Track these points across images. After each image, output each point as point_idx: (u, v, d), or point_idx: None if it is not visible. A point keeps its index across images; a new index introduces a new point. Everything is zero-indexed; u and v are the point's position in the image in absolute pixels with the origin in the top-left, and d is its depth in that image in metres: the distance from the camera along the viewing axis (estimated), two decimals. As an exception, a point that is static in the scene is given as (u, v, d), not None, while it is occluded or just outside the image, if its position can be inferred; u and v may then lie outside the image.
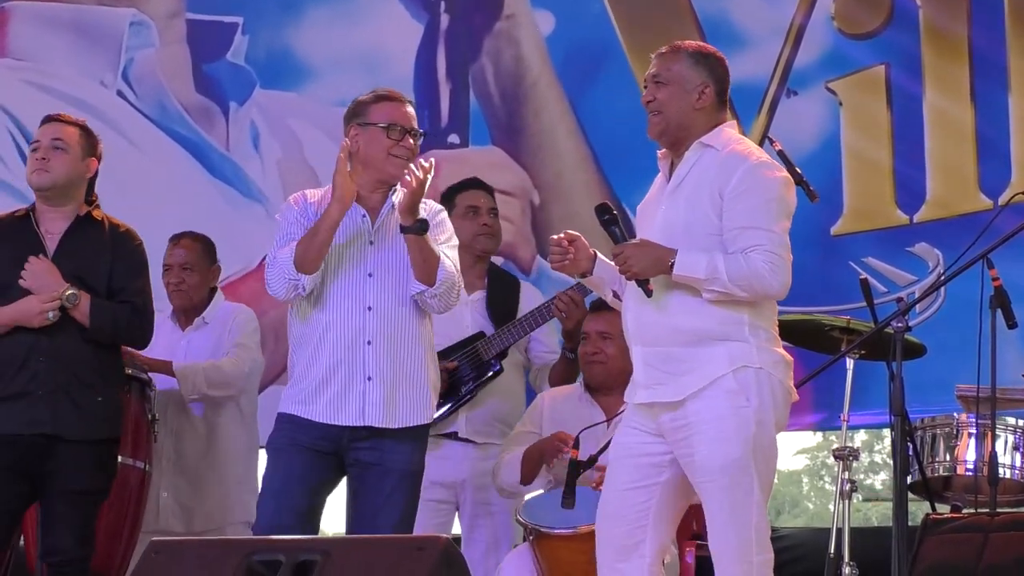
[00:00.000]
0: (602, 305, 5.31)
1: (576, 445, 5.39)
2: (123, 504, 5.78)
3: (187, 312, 6.45)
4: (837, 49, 7.06)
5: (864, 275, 5.96)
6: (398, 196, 5.17)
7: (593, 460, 5.33)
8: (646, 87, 4.66)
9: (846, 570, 5.19)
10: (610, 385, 5.65)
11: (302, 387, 5.13)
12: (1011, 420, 5.64)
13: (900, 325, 4.77)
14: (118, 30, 7.92)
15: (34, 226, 5.40)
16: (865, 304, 5.57)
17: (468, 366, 5.97)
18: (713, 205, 4.50)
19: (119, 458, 5.67)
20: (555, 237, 4.68)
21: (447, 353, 5.95)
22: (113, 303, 5.34)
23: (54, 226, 5.41)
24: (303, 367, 5.15)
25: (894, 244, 6.84)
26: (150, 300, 5.50)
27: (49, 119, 5.50)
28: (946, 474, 5.71)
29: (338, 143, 5.20)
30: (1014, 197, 5.78)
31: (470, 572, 5.92)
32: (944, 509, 5.68)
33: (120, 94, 7.88)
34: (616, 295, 4.75)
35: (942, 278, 6.08)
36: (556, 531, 5.31)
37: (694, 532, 5.36)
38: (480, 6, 7.61)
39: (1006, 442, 5.60)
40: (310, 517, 5.14)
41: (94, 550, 5.33)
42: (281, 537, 4.71)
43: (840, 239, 6.92)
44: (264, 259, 5.41)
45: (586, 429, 5.39)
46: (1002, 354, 5.37)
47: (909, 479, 5.47)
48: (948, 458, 5.69)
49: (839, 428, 5.45)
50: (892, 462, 4.77)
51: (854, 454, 5.32)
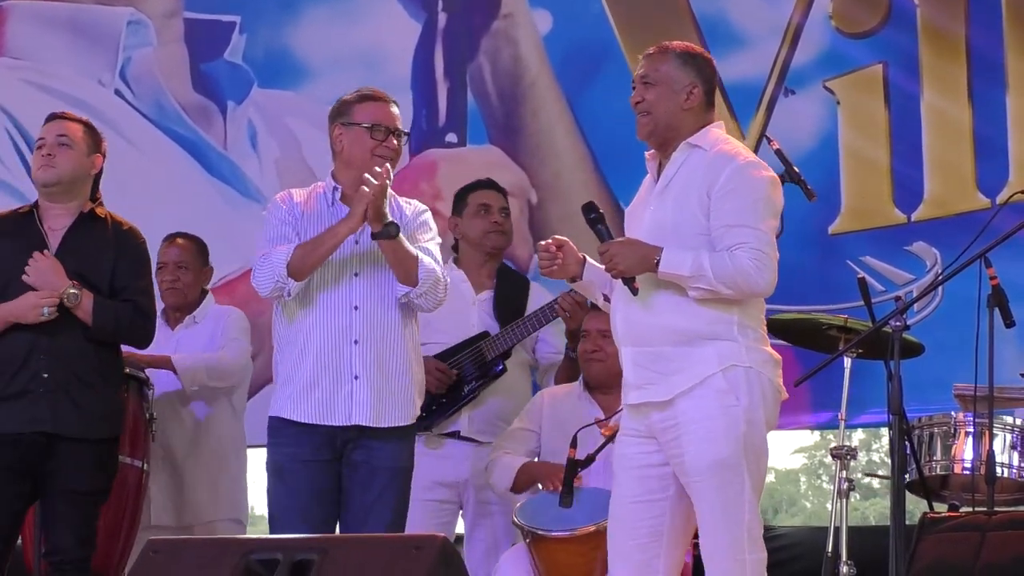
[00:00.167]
0: (602, 304, 5.32)
1: (573, 444, 5.40)
2: (121, 503, 5.78)
3: (179, 311, 6.45)
4: (835, 48, 7.05)
5: (862, 274, 5.96)
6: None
7: (591, 459, 5.33)
8: (634, 88, 4.67)
9: (844, 569, 5.18)
10: (610, 383, 5.64)
11: (290, 389, 5.13)
12: (1008, 419, 5.64)
13: (898, 324, 4.77)
14: (116, 29, 7.92)
15: (37, 223, 5.39)
16: (863, 303, 5.57)
17: (471, 365, 5.96)
18: (701, 205, 4.50)
19: (117, 457, 5.68)
20: (543, 243, 4.69)
21: (451, 352, 5.96)
22: (116, 302, 5.33)
23: (57, 223, 5.39)
24: (290, 368, 5.15)
25: (892, 243, 6.84)
26: (152, 300, 5.50)
27: (53, 117, 5.50)
28: (944, 473, 5.70)
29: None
30: (1012, 196, 5.78)
31: (468, 571, 5.96)
32: (942, 508, 5.69)
33: (118, 93, 7.87)
34: (606, 298, 4.76)
35: (940, 277, 6.08)
36: (553, 533, 5.31)
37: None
38: (478, 5, 7.60)
39: (1004, 441, 5.60)
40: (331, 524, 5.15)
41: (95, 549, 5.32)
42: (278, 536, 4.71)
43: (838, 238, 6.91)
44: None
45: (583, 428, 5.39)
46: (1000, 353, 5.37)
47: (907, 478, 5.47)
48: (945, 457, 5.69)
49: (837, 427, 5.46)
50: (890, 461, 4.77)
51: (852, 453, 5.33)
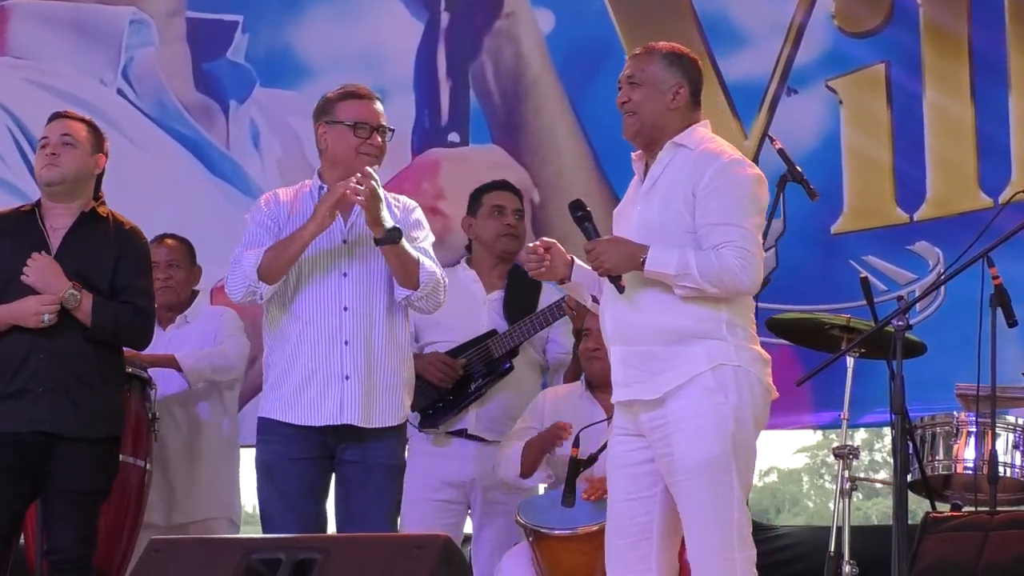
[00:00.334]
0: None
1: (576, 443, 5.40)
2: (123, 502, 5.77)
3: (171, 310, 6.45)
4: (837, 47, 7.05)
5: (864, 273, 5.96)
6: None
7: (593, 459, 5.33)
8: (620, 89, 4.68)
9: (846, 568, 5.19)
10: (611, 382, 5.64)
11: (281, 391, 5.13)
12: (1011, 419, 5.64)
13: (900, 323, 4.77)
14: (118, 28, 7.92)
15: (39, 222, 5.38)
16: (865, 303, 5.57)
17: (479, 363, 5.96)
18: (687, 203, 4.51)
19: (119, 456, 5.68)
20: (531, 244, 4.71)
21: (459, 350, 5.96)
22: (115, 303, 5.32)
23: (59, 222, 5.38)
24: (281, 369, 5.15)
25: (894, 242, 6.83)
26: (153, 301, 5.50)
27: (57, 116, 5.49)
28: (946, 472, 5.70)
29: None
30: (1014, 196, 5.78)
31: (471, 570, 5.97)
32: (944, 507, 5.68)
33: (120, 92, 7.87)
34: (595, 299, 4.77)
35: (942, 276, 6.08)
36: (556, 532, 5.31)
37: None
38: (480, 4, 7.59)
39: (1006, 441, 5.60)
40: (321, 522, 5.18)
41: (95, 548, 5.31)
42: (281, 536, 4.72)
43: (840, 237, 6.91)
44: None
45: (587, 427, 5.39)
46: (1002, 352, 5.37)
47: (909, 477, 5.47)
48: (948, 457, 5.68)
49: (839, 427, 5.45)
50: (892, 460, 4.77)
51: (854, 452, 5.33)
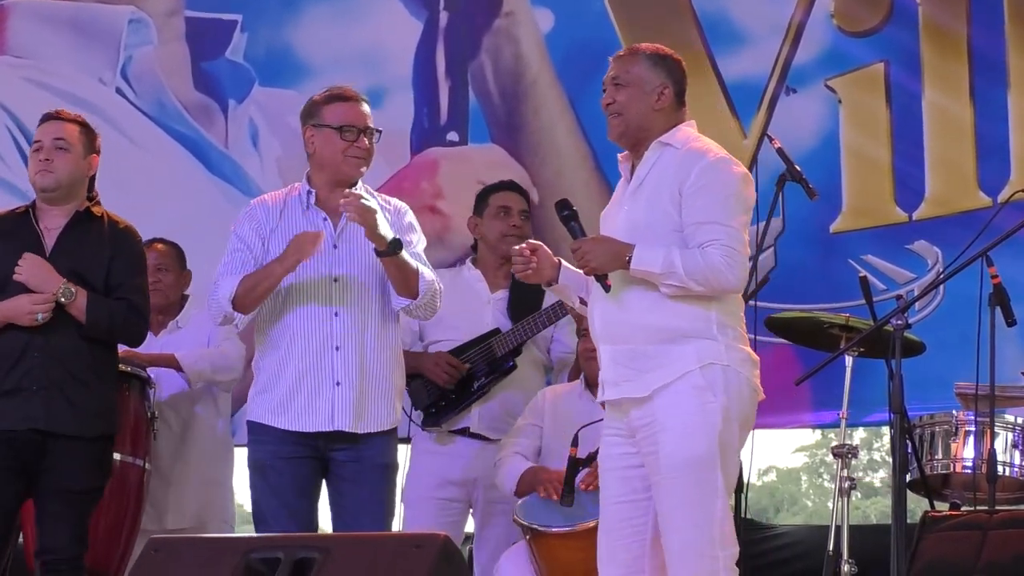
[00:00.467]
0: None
1: (575, 443, 5.40)
2: (123, 502, 5.78)
3: (161, 313, 6.45)
4: (836, 47, 7.05)
5: (863, 273, 5.97)
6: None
7: (592, 458, 5.32)
8: (605, 91, 4.69)
9: (845, 567, 5.18)
10: (604, 382, 5.64)
11: (272, 395, 5.13)
12: (1010, 418, 5.64)
13: (899, 323, 4.77)
14: (117, 28, 7.91)
15: (33, 223, 5.38)
16: (864, 302, 5.57)
17: (482, 362, 5.96)
18: (673, 202, 4.52)
19: (119, 456, 5.68)
20: (517, 247, 4.71)
21: (462, 350, 5.97)
22: (110, 300, 5.32)
23: (53, 223, 5.38)
24: (271, 373, 5.15)
25: (893, 242, 6.83)
26: (147, 298, 5.48)
27: (48, 117, 5.48)
28: (945, 472, 5.70)
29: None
30: (1013, 195, 5.78)
31: (470, 570, 5.97)
32: (943, 507, 5.68)
33: (119, 92, 7.87)
34: (583, 301, 4.77)
35: (941, 276, 6.08)
36: (554, 529, 5.31)
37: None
38: (479, 4, 7.59)
39: (1005, 440, 5.60)
40: (314, 521, 5.17)
41: (87, 548, 5.29)
42: (280, 535, 4.71)
43: (839, 237, 6.91)
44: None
45: (585, 426, 5.39)
46: (1001, 352, 5.38)
47: (908, 477, 5.47)
48: (947, 456, 5.69)
49: (838, 426, 5.45)
50: (891, 460, 4.77)
51: (853, 452, 5.32)
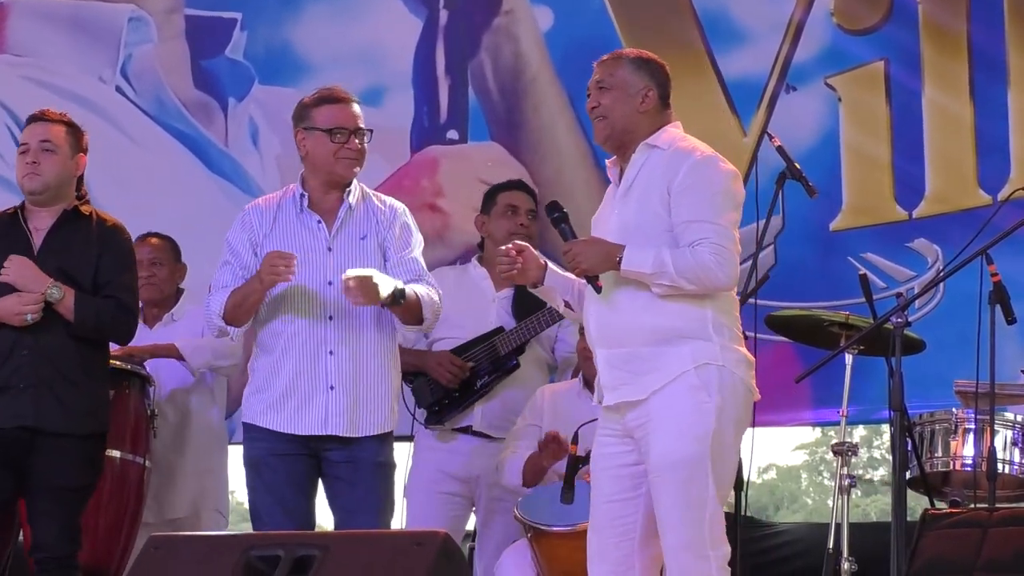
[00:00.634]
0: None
1: (575, 440, 5.40)
2: (123, 499, 5.78)
3: (155, 307, 6.45)
4: (836, 45, 7.04)
5: (863, 271, 5.96)
6: (354, 197, 5.18)
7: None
8: (589, 95, 4.70)
9: (845, 565, 5.18)
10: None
11: (265, 397, 5.14)
12: (1010, 416, 5.64)
13: (899, 321, 4.77)
14: (117, 26, 7.91)
15: (22, 223, 5.38)
16: (864, 300, 5.57)
17: (485, 360, 5.97)
18: (663, 203, 4.53)
19: (119, 453, 5.68)
20: (503, 247, 4.73)
21: (465, 348, 5.98)
22: (98, 299, 5.30)
23: (42, 223, 5.38)
24: (265, 375, 5.15)
25: (893, 240, 6.83)
26: (136, 295, 5.47)
27: (34, 119, 5.45)
28: (945, 469, 5.70)
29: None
30: (1013, 193, 5.78)
31: (470, 567, 5.97)
32: (943, 504, 5.68)
33: (119, 90, 7.87)
34: (568, 305, 4.79)
35: (941, 274, 6.08)
36: (554, 528, 5.31)
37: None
38: (479, 2, 7.59)
39: (1005, 437, 5.60)
40: (310, 519, 5.18)
41: (80, 546, 5.29)
42: (280, 532, 4.72)
43: (839, 235, 6.90)
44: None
45: (585, 424, 5.39)
46: (1001, 350, 5.37)
47: (908, 474, 5.47)
48: (947, 453, 5.68)
49: (838, 423, 5.45)
50: (891, 457, 4.77)
51: (853, 449, 5.32)
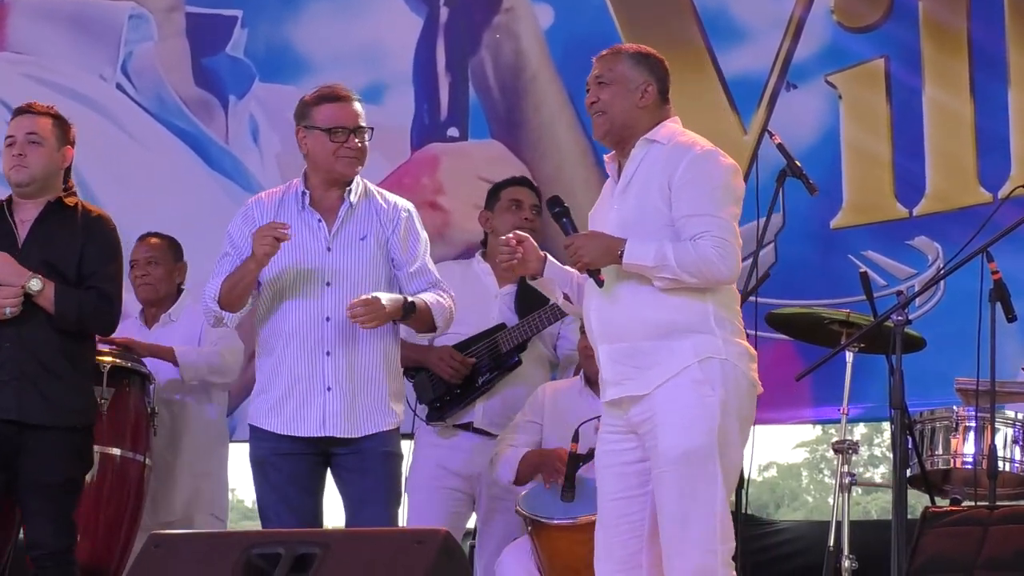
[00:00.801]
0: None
1: (575, 439, 5.40)
2: (123, 497, 5.78)
3: (154, 307, 6.44)
4: (836, 42, 7.04)
5: (864, 268, 5.95)
6: (356, 195, 5.17)
7: (592, 453, 5.33)
8: (588, 91, 4.70)
9: (845, 563, 5.19)
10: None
11: (266, 398, 5.14)
12: (1010, 413, 5.64)
13: (900, 318, 4.77)
14: (117, 23, 7.91)
15: (7, 216, 5.37)
16: (865, 297, 5.58)
17: (487, 357, 5.98)
18: (663, 197, 4.54)
19: (119, 451, 5.68)
20: (503, 237, 4.74)
21: (467, 344, 5.98)
22: (79, 291, 5.28)
23: (28, 214, 5.37)
24: (267, 376, 5.16)
25: (894, 237, 6.82)
26: (119, 286, 5.43)
27: (21, 111, 5.45)
28: (945, 467, 5.70)
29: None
30: (1014, 191, 5.77)
31: (475, 565, 5.98)
32: (943, 502, 5.68)
33: (119, 87, 7.87)
34: (567, 298, 4.79)
35: (942, 271, 6.08)
36: (555, 521, 5.32)
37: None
38: (479, 0, 7.60)
39: (1005, 435, 5.59)
40: (317, 517, 5.17)
41: (75, 540, 5.29)
42: (280, 530, 4.72)
43: (839, 232, 6.90)
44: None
45: (585, 422, 5.39)
46: (1001, 347, 5.37)
47: (908, 472, 5.47)
48: (947, 451, 5.68)
49: (838, 421, 5.45)
50: (892, 455, 4.77)
51: (853, 447, 5.32)
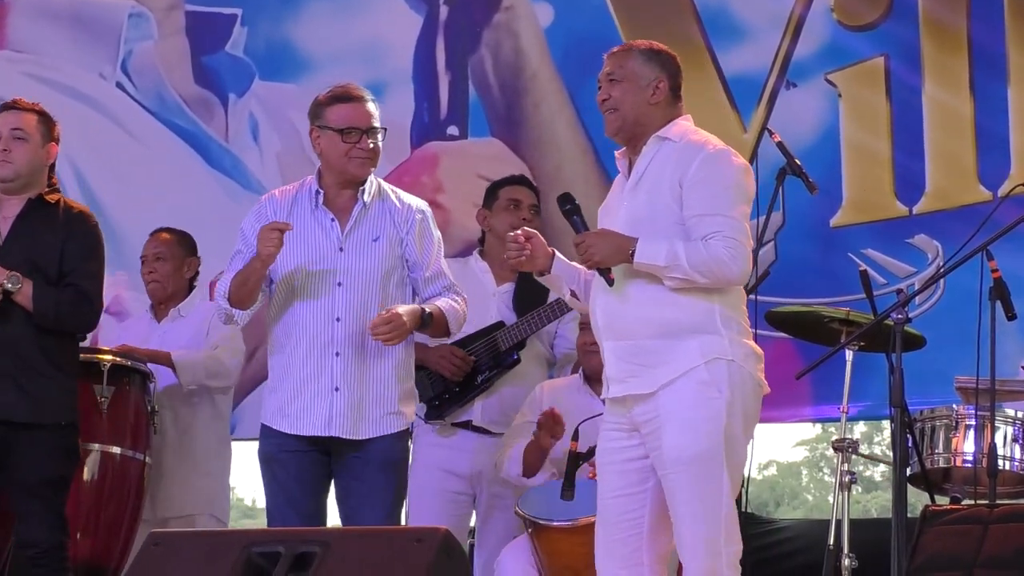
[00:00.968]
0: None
1: (575, 437, 5.40)
2: (123, 496, 5.78)
3: (164, 303, 6.44)
4: (836, 41, 7.05)
5: (864, 267, 5.96)
6: (369, 195, 5.16)
7: (592, 452, 5.33)
8: (600, 87, 4.69)
9: (845, 561, 5.18)
10: (608, 377, 5.64)
11: (277, 397, 5.14)
12: (1010, 412, 5.64)
13: (900, 317, 4.77)
14: (117, 22, 7.92)
15: None
16: (865, 296, 5.57)
17: (485, 355, 5.97)
18: (674, 195, 4.52)
19: (119, 450, 5.68)
20: (511, 233, 4.72)
21: (465, 342, 5.96)
22: (58, 288, 5.26)
23: (10, 211, 5.36)
24: (278, 375, 5.16)
25: (893, 236, 6.83)
26: (99, 284, 5.39)
27: (6, 107, 5.45)
28: (945, 466, 5.70)
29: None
30: (1014, 189, 5.77)
31: (476, 564, 5.98)
32: (943, 501, 5.68)
33: (119, 86, 7.88)
34: (574, 294, 4.78)
35: (941, 270, 6.07)
36: (555, 523, 5.31)
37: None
38: (479, -2, 7.61)
39: (1005, 434, 5.59)
40: (321, 517, 5.17)
41: (68, 535, 5.27)
42: (280, 529, 4.72)
43: (839, 231, 6.91)
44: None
45: (585, 421, 5.39)
46: (1001, 346, 5.37)
47: (908, 471, 5.47)
48: (947, 450, 5.68)
49: (838, 420, 5.45)
50: (892, 454, 4.77)
51: (853, 446, 5.32)
